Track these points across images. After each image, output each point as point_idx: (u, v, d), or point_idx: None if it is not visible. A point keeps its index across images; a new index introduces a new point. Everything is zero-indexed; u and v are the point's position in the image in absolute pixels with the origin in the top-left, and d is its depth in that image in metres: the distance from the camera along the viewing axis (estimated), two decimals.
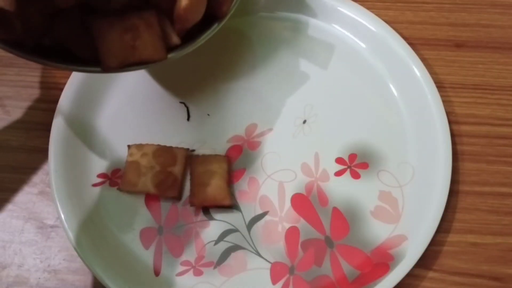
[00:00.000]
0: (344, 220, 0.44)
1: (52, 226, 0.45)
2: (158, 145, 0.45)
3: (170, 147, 0.45)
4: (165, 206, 0.44)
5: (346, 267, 0.42)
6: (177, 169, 0.44)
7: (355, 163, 0.46)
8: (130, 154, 0.45)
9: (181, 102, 0.49)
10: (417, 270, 0.42)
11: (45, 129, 0.47)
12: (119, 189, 0.44)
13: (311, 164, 0.46)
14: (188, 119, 0.48)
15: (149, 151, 0.45)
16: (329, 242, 0.43)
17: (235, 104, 0.49)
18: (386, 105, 0.48)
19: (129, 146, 0.45)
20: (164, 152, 0.45)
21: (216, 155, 0.45)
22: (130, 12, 0.35)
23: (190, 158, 0.45)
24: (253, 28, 0.52)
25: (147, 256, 0.43)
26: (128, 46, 0.35)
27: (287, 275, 0.42)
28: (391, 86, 0.49)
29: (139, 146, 0.45)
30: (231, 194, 0.44)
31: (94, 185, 0.45)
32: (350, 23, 0.51)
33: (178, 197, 0.45)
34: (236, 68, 0.50)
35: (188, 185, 0.45)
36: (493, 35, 0.52)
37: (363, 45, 0.51)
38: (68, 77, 0.48)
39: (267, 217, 0.44)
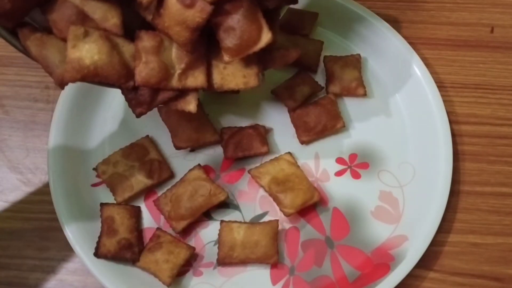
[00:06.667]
0: (344, 220, 0.43)
1: (51, 226, 0.44)
2: (120, 148, 0.45)
3: (132, 144, 0.45)
4: None
5: (347, 268, 0.42)
6: (153, 154, 0.45)
7: (356, 163, 0.46)
8: (102, 173, 0.44)
9: None
10: (418, 271, 0.41)
11: (44, 129, 0.47)
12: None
13: (311, 164, 0.46)
14: None
15: (117, 157, 0.44)
16: (329, 242, 0.43)
17: (235, 104, 0.49)
18: (386, 104, 0.48)
19: (95, 169, 0.45)
20: (131, 150, 0.45)
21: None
22: None
23: None
24: None
25: None
26: None
27: (287, 276, 0.42)
28: (392, 85, 0.49)
29: (105, 161, 0.44)
30: None
31: (93, 185, 0.45)
32: (350, 22, 0.51)
33: (172, 175, 0.45)
34: None
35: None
36: (494, 34, 0.52)
37: (363, 44, 0.51)
38: None
39: (267, 217, 0.44)
